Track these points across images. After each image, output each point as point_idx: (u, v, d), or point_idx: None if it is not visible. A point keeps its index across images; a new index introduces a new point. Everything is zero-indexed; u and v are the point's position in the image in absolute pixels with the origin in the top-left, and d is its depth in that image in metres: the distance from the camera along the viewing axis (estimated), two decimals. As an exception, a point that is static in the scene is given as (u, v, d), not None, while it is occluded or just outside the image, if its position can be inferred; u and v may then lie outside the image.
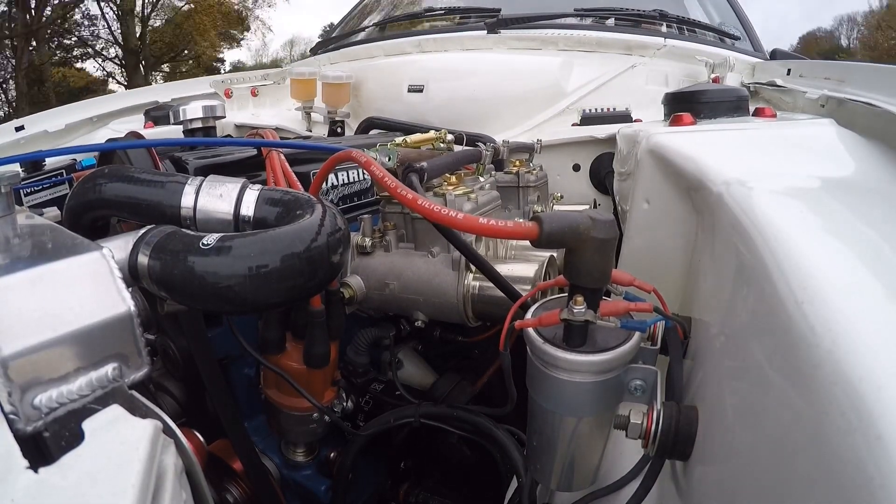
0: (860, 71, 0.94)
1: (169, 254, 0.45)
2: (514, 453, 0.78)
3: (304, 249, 0.46)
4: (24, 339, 0.31)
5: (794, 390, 0.30)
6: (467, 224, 0.41)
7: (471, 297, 0.76)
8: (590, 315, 0.42)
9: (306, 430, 0.86)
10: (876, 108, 0.68)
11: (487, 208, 0.87)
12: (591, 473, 0.52)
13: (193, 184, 0.56)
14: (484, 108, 1.46)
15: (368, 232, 0.85)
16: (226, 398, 0.75)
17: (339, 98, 1.64)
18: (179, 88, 1.92)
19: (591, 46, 1.56)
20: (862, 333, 0.27)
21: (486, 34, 1.62)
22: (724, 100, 0.90)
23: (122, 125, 1.69)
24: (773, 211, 0.41)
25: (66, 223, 0.58)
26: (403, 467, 1.06)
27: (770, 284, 0.34)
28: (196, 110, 0.88)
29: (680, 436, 0.44)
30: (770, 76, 1.33)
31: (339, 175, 1.01)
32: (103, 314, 0.35)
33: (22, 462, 0.27)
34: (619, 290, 0.47)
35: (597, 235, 0.40)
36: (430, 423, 0.84)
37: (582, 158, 1.30)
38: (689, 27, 1.70)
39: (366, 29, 2.05)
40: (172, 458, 0.33)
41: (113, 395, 0.34)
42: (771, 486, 0.32)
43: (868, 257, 0.36)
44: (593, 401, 0.44)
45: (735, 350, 0.40)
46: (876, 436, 0.23)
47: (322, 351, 0.78)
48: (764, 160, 0.60)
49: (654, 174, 0.67)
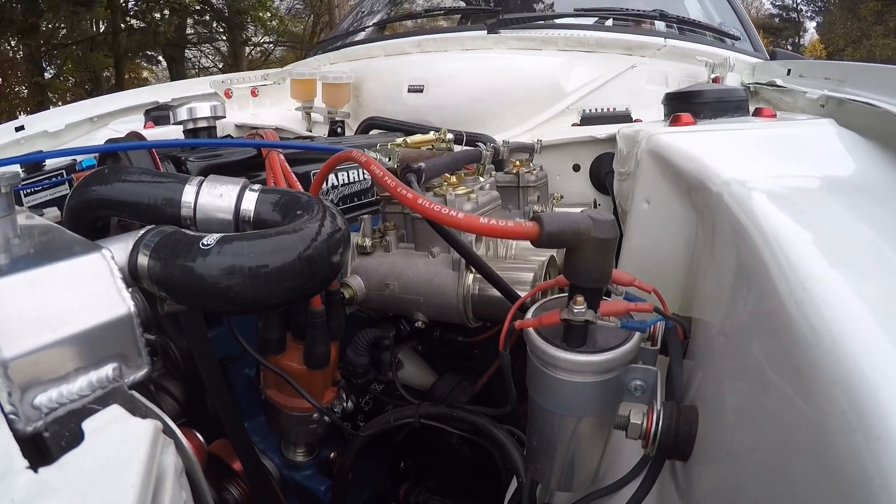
0: (860, 71, 0.94)
1: (169, 254, 0.45)
2: (513, 453, 0.78)
3: (304, 250, 0.46)
4: (25, 339, 0.31)
5: (794, 390, 0.30)
6: (468, 224, 0.41)
7: (471, 297, 0.76)
8: (590, 315, 0.42)
9: (306, 431, 0.86)
10: (876, 108, 0.68)
11: (487, 208, 0.87)
12: (591, 473, 0.52)
13: (193, 184, 0.56)
14: (484, 108, 1.46)
15: (368, 232, 0.85)
16: (226, 398, 0.75)
17: (339, 98, 1.64)
18: (179, 88, 1.92)
19: (591, 46, 1.56)
20: (862, 333, 0.27)
21: (486, 34, 1.62)
22: (724, 100, 0.90)
23: (122, 125, 1.68)
24: (773, 211, 0.41)
25: (66, 223, 0.58)
26: (403, 467, 1.06)
27: (770, 284, 0.34)
28: (196, 110, 0.88)
29: (680, 436, 0.44)
30: (770, 76, 1.33)
31: (340, 175, 1.01)
32: (103, 315, 0.35)
33: (22, 462, 0.27)
34: (620, 290, 0.47)
35: (597, 235, 0.40)
36: (429, 424, 0.84)
37: (582, 158, 1.30)
38: (689, 27, 1.70)
39: (366, 29, 2.05)
40: (172, 458, 0.33)
41: (113, 395, 0.34)
42: (771, 486, 0.32)
43: (868, 257, 0.36)
44: (593, 401, 0.44)
45: (735, 350, 0.40)
46: (876, 436, 0.23)
47: (322, 351, 0.78)
48: (764, 160, 0.60)
49: (655, 174, 0.67)
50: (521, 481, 0.75)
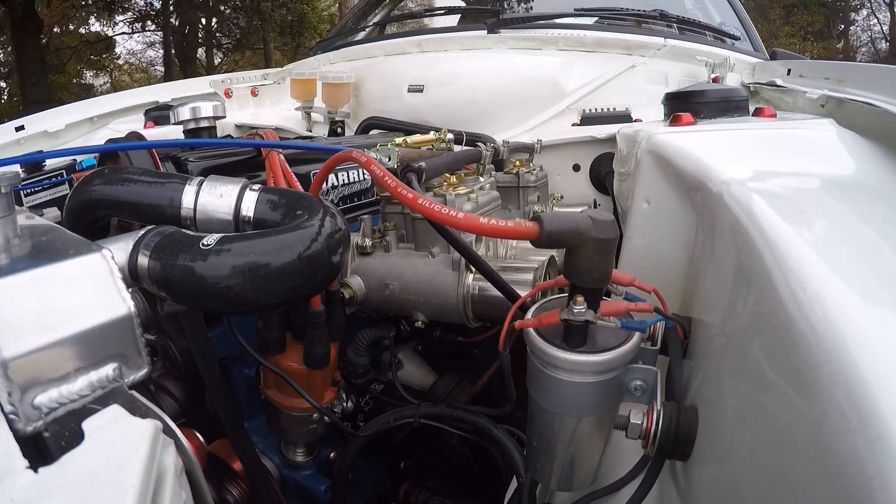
0: (860, 71, 0.94)
1: (169, 254, 0.45)
2: (513, 453, 0.78)
3: (304, 250, 0.46)
4: (25, 339, 0.31)
5: (794, 390, 0.30)
6: (468, 224, 0.41)
7: (471, 297, 0.76)
8: (590, 315, 0.42)
9: (306, 431, 0.86)
10: (876, 108, 0.68)
11: (487, 208, 0.87)
12: (591, 473, 0.52)
13: (193, 184, 0.56)
14: (484, 108, 1.46)
15: (368, 232, 0.85)
16: (226, 398, 0.75)
17: (339, 98, 1.64)
18: (179, 88, 1.92)
19: (591, 46, 1.56)
20: (862, 333, 0.27)
21: (487, 34, 1.62)
22: (724, 100, 0.90)
23: (122, 125, 1.69)
24: (772, 211, 0.41)
25: (66, 224, 0.58)
26: (403, 467, 1.06)
27: (770, 284, 0.34)
28: (196, 110, 0.88)
29: (680, 436, 0.44)
30: (770, 76, 1.33)
31: (340, 175, 1.01)
32: (103, 315, 0.35)
33: (22, 462, 0.27)
34: (620, 290, 0.47)
35: (597, 235, 0.40)
36: (429, 424, 0.84)
37: (582, 158, 1.30)
38: (689, 27, 1.70)
39: (366, 28, 2.05)
40: (172, 458, 0.33)
41: (113, 395, 0.34)
42: (771, 486, 0.32)
43: (868, 257, 0.36)
44: (593, 401, 0.44)
45: (735, 350, 0.40)
46: (876, 436, 0.23)
47: (322, 351, 0.78)
48: (764, 160, 0.60)
49: (654, 174, 0.67)
50: (521, 481, 0.75)
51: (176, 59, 14.55)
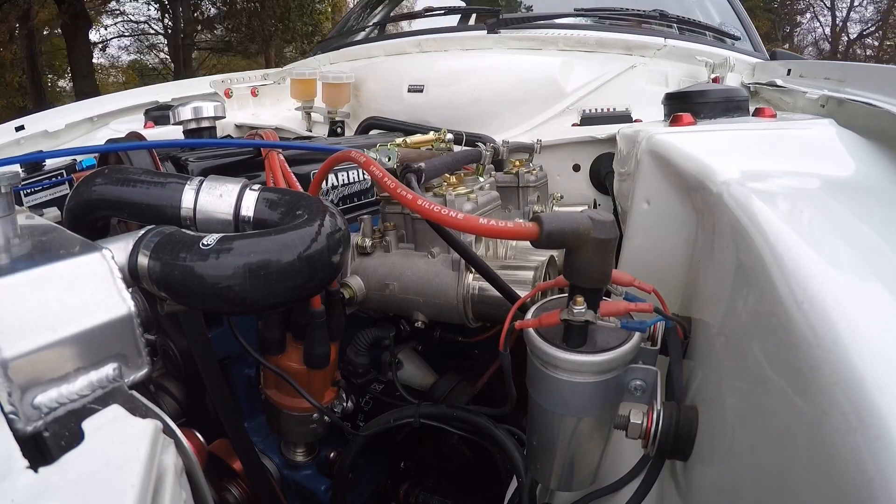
0: (860, 71, 0.94)
1: (169, 254, 0.45)
2: (513, 453, 0.78)
3: (304, 250, 0.46)
4: (25, 339, 0.31)
5: (794, 390, 0.30)
6: (467, 224, 0.41)
7: (470, 297, 0.76)
8: (590, 315, 0.42)
9: (306, 431, 0.86)
10: (876, 108, 0.68)
11: (487, 208, 0.87)
12: (591, 473, 0.52)
13: (193, 184, 0.56)
14: (484, 108, 1.46)
15: (368, 232, 0.85)
16: (226, 398, 0.75)
17: (339, 98, 1.64)
18: (179, 88, 1.92)
19: (591, 46, 1.56)
20: (862, 333, 0.27)
21: (486, 34, 1.62)
22: (724, 100, 0.90)
23: (122, 125, 1.68)
24: (772, 211, 0.41)
25: (67, 224, 0.58)
26: (403, 467, 1.06)
27: (770, 284, 0.34)
28: (196, 110, 0.88)
29: (680, 436, 0.44)
30: (770, 76, 1.33)
31: (339, 175, 1.01)
32: (103, 315, 0.35)
33: (22, 462, 0.27)
34: (620, 290, 0.47)
35: (597, 236, 0.40)
36: (429, 424, 0.84)
37: (582, 158, 1.30)
38: (689, 27, 1.70)
39: (366, 28, 2.05)
40: (172, 458, 0.33)
41: (113, 395, 0.34)
42: (771, 486, 0.32)
43: (868, 257, 0.36)
44: (593, 401, 0.44)
45: (735, 350, 0.40)
46: (876, 436, 0.23)
47: (322, 351, 0.78)
48: (764, 160, 0.60)
49: (654, 174, 0.67)
50: (521, 481, 0.75)
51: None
